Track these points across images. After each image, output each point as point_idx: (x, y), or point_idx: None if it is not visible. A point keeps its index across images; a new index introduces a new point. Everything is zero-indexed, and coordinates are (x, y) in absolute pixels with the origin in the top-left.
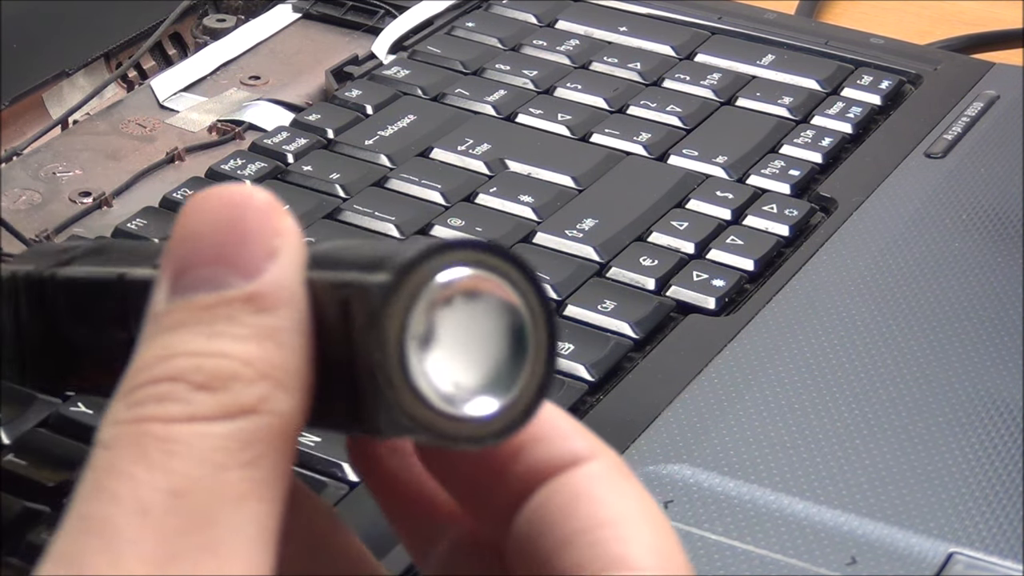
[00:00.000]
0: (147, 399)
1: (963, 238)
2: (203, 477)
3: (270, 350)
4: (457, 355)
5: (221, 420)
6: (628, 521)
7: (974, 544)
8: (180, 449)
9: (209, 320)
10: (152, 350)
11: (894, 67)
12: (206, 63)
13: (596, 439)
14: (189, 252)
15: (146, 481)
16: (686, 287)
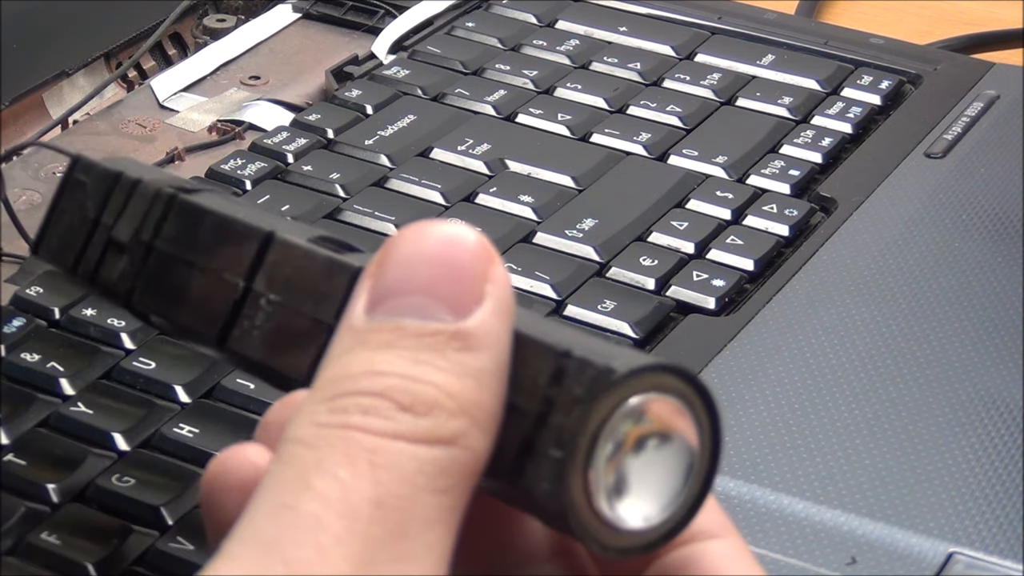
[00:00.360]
0: (353, 408)
1: (963, 238)
2: (404, 495)
3: (471, 388)
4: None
5: (423, 444)
6: None
7: (974, 544)
8: (385, 464)
9: (415, 347)
10: (357, 363)
11: (894, 67)
12: (206, 63)
13: (727, 519)
14: (401, 277)
15: (354, 488)
16: (686, 287)
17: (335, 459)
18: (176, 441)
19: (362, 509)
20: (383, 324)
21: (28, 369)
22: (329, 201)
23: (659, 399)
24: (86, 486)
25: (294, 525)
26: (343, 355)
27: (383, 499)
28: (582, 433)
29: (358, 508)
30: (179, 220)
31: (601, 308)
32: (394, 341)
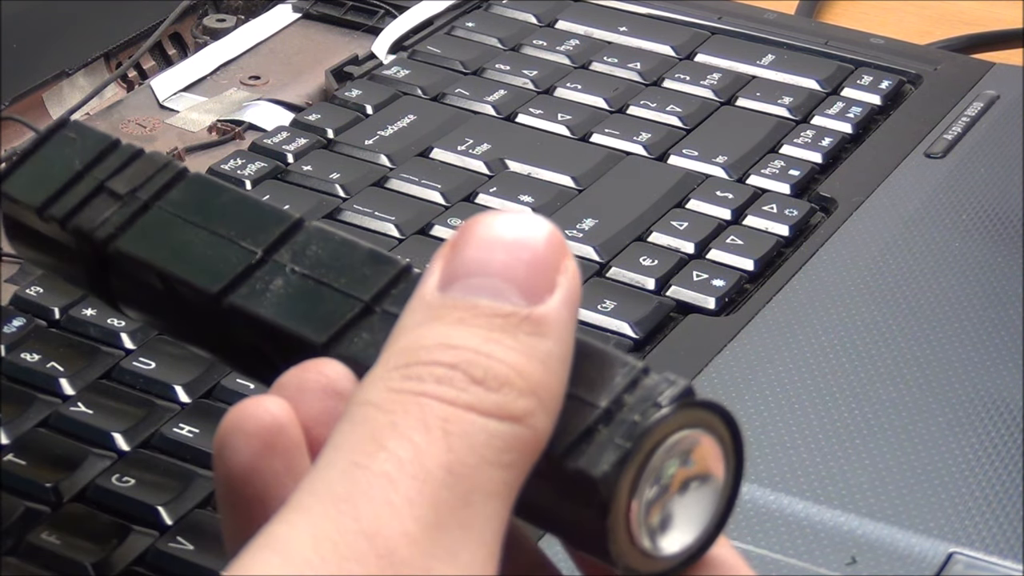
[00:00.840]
0: (428, 376)
1: (963, 238)
2: (473, 464)
3: (539, 370)
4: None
5: (493, 419)
6: None
7: (974, 544)
8: (457, 432)
9: (488, 326)
10: (432, 335)
11: (894, 67)
12: (206, 63)
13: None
14: (477, 258)
15: (428, 452)
16: (686, 287)
17: (410, 423)
18: (176, 441)
19: (435, 473)
20: (458, 301)
21: (28, 369)
22: (329, 201)
23: (703, 435)
24: (86, 486)
25: (368, 483)
26: (416, 327)
27: (454, 465)
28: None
29: (431, 472)
30: (192, 189)
31: (601, 308)
32: (468, 318)
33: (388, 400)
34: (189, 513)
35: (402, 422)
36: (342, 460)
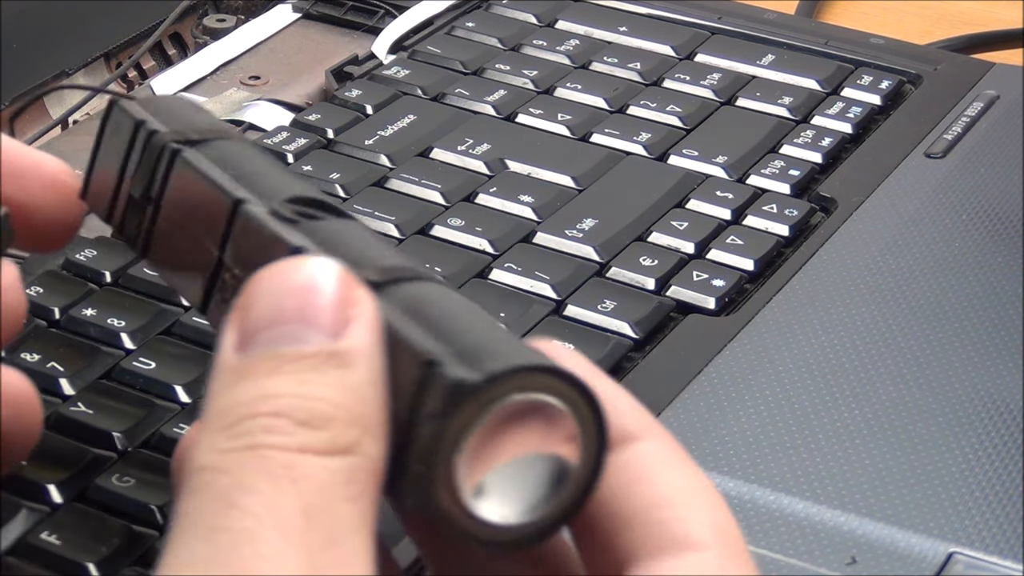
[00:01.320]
0: (254, 429)
1: (963, 238)
2: (326, 505)
3: (356, 401)
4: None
5: (328, 455)
6: (687, 500)
7: (974, 544)
8: (302, 476)
9: (298, 370)
10: (245, 392)
11: (894, 67)
12: (206, 63)
13: (651, 418)
14: (268, 310)
15: (280, 501)
16: (686, 287)
17: (254, 478)
18: (176, 441)
19: (294, 520)
20: (261, 355)
21: (28, 369)
22: (329, 201)
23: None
24: (86, 486)
25: (232, 543)
26: (227, 390)
27: (309, 509)
28: (440, 448)
29: (290, 519)
30: (177, 180)
31: (601, 308)
32: (276, 368)
33: (223, 461)
34: None
35: (247, 479)
36: (197, 528)
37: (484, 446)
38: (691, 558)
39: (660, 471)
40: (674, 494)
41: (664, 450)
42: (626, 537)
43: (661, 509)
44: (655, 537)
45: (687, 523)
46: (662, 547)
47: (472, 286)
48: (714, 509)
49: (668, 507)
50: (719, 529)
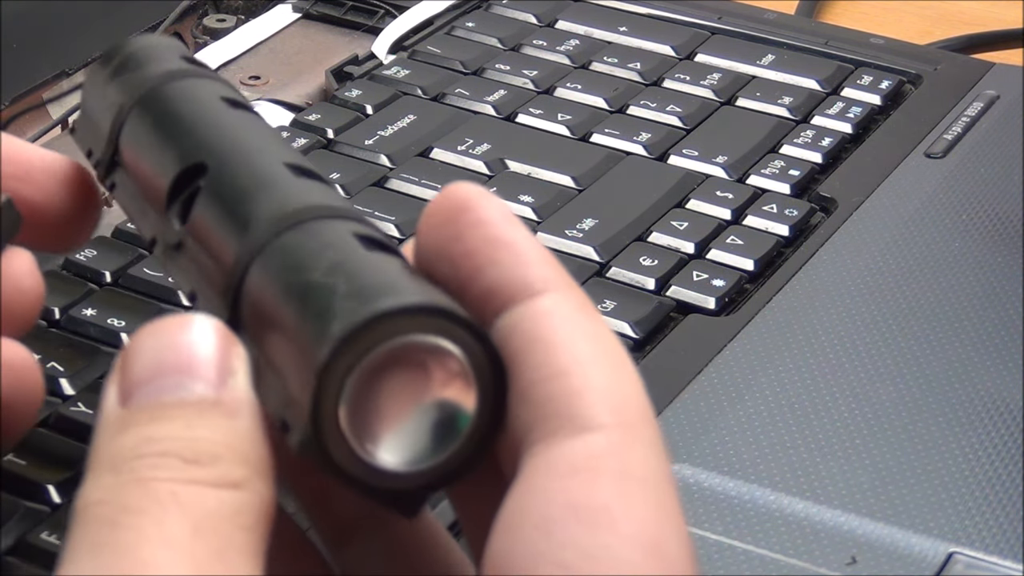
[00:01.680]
0: (140, 467)
1: (963, 238)
2: (214, 526)
3: (243, 443)
4: (387, 416)
5: (216, 488)
6: (583, 369)
7: (974, 544)
8: (189, 501)
9: (183, 416)
10: (129, 439)
11: (894, 67)
12: (206, 63)
13: (560, 270)
14: (149, 365)
15: (167, 519)
16: (686, 287)
17: (139, 502)
18: None
19: (182, 535)
20: (143, 404)
21: None
22: None
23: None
24: None
25: (116, 553)
26: (111, 439)
27: (197, 526)
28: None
29: (177, 535)
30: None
31: (601, 308)
32: (160, 415)
33: (108, 494)
34: None
35: (131, 503)
36: (82, 548)
37: (370, 392)
38: (582, 440)
39: (557, 333)
40: (570, 362)
41: (565, 307)
42: (520, 414)
43: (553, 380)
44: (546, 416)
45: (580, 397)
46: (553, 428)
47: None
48: (614, 378)
49: (561, 378)
50: (616, 403)
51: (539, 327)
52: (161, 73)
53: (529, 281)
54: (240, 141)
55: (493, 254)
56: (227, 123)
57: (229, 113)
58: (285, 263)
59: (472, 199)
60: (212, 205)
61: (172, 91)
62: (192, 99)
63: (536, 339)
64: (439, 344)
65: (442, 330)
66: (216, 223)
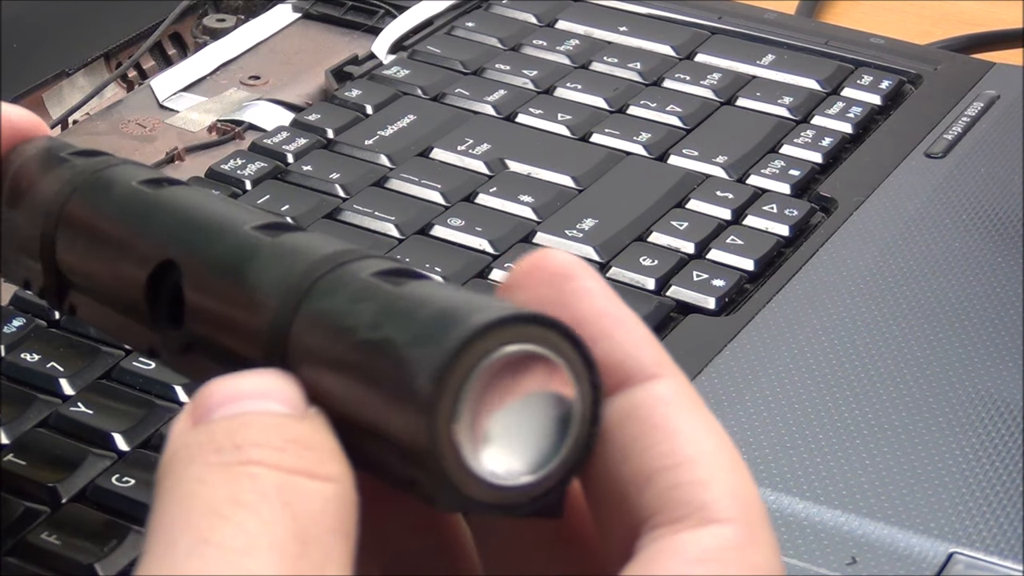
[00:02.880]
0: (244, 443)
1: (963, 238)
2: (318, 535)
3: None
4: (501, 429)
5: (319, 480)
6: (707, 462)
7: (974, 544)
8: (295, 501)
9: (271, 419)
10: (222, 428)
11: (894, 67)
12: (206, 63)
13: (665, 353)
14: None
15: (275, 523)
16: (686, 287)
17: (247, 496)
18: None
19: (289, 545)
20: (227, 414)
21: (28, 369)
22: (329, 201)
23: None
24: (86, 486)
25: (220, 559)
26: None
27: (304, 535)
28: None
29: (285, 543)
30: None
31: None
32: (247, 419)
33: (213, 474)
34: None
35: (239, 493)
36: (185, 539)
37: (480, 406)
38: (711, 532)
39: (677, 421)
40: (693, 452)
41: (679, 394)
42: (642, 498)
43: (680, 470)
44: (673, 504)
45: (708, 490)
46: (680, 515)
47: (472, 286)
48: (735, 473)
49: (687, 468)
50: (741, 497)
51: (658, 414)
52: (64, 182)
53: (644, 363)
54: (193, 222)
55: (606, 328)
56: (166, 208)
57: (158, 196)
58: (326, 333)
59: (574, 267)
60: (203, 302)
61: (87, 199)
62: (114, 198)
63: (657, 426)
64: (529, 350)
65: (527, 336)
66: (219, 315)
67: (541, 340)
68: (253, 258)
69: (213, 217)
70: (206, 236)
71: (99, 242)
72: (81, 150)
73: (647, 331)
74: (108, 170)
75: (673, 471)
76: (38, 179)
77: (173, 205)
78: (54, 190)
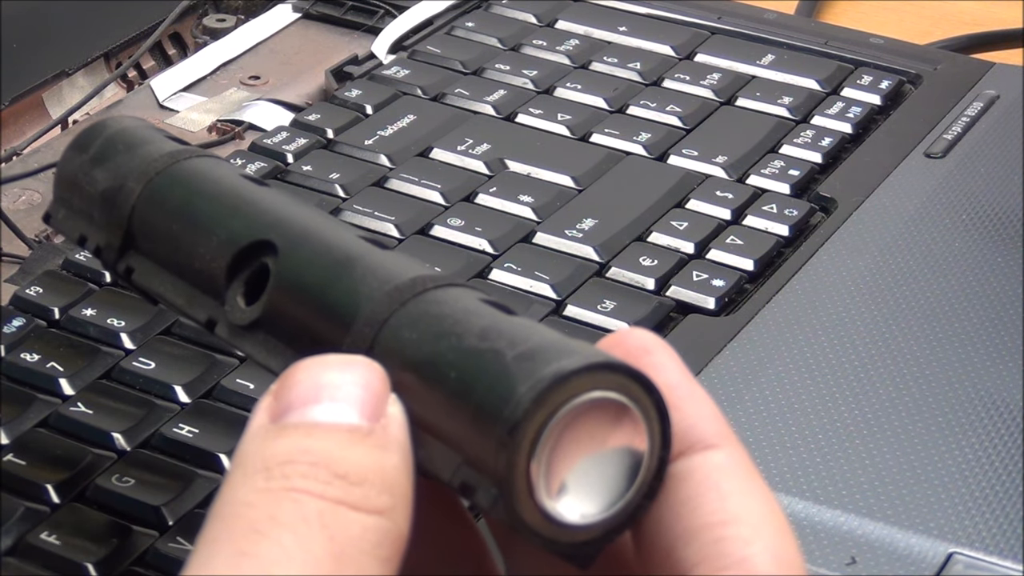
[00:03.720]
0: (292, 474)
1: (963, 238)
2: (356, 556)
3: (391, 474)
4: (574, 472)
5: (363, 512)
6: (752, 521)
7: (974, 544)
8: (335, 525)
9: (336, 437)
10: (282, 445)
11: (894, 67)
12: (206, 63)
13: (727, 427)
14: (308, 390)
15: (312, 541)
16: (686, 287)
17: (288, 516)
18: (176, 441)
19: (324, 561)
20: (298, 421)
21: (28, 369)
22: (329, 201)
23: (623, 404)
24: (86, 486)
25: (258, 567)
26: (263, 444)
27: (339, 556)
28: (516, 459)
29: (320, 560)
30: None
31: (601, 308)
32: (313, 431)
33: (259, 498)
34: (189, 513)
35: (280, 515)
36: (224, 551)
37: (554, 452)
38: None
39: (729, 485)
40: (740, 512)
41: (735, 463)
42: (688, 550)
43: (725, 526)
44: (716, 555)
45: (749, 545)
46: (721, 566)
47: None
48: (779, 535)
49: (732, 525)
50: (781, 558)
51: (714, 477)
52: (166, 153)
53: (707, 433)
54: (299, 216)
55: (675, 400)
56: (271, 199)
57: (263, 190)
58: (428, 331)
59: (654, 344)
60: (298, 282)
61: (187, 171)
62: (216, 178)
63: (711, 488)
64: (614, 398)
65: (616, 384)
66: (310, 300)
67: (624, 389)
68: (363, 256)
69: (322, 216)
70: (313, 231)
71: (191, 210)
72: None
73: (714, 406)
74: (206, 159)
75: (719, 527)
76: (138, 145)
77: (280, 196)
78: (157, 154)
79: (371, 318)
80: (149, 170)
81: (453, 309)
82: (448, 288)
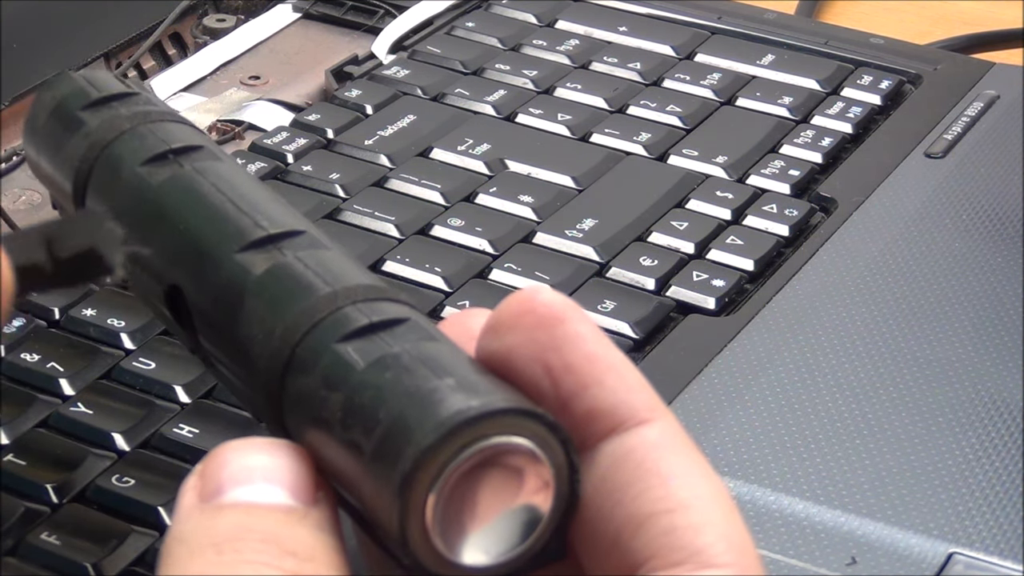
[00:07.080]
0: (245, 549)
1: (963, 238)
2: None
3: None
4: (470, 518)
5: None
6: (700, 506)
7: (974, 544)
8: None
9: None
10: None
11: (894, 67)
12: (206, 63)
13: (656, 397)
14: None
15: None
16: (686, 287)
17: None
18: (176, 441)
19: None
20: (236, 500)
21: (28, 369)
22: (329, 201)
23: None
24: (86, 486)
25: None
26: (205, 523)
27: None
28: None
29: None
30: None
31: (601, 308)
32: (254, 511)
33: (215, 571)
34: None
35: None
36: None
37: (452, 498)
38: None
39: (668, 465)
40: (686, 496)
41: (670, 438)
42: (636, 542)
43: (673, 514)
44: (668, 549)
45: (702, 534)
46: (676, 560)
47: (472, 286)
48: (728, 518)
49: (680, 512)
50: (734, 543)
51: (651, 459)
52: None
53: (636, 408)
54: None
55: (597, 373)
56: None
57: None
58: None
59: (565, 310)
60: (206, 329)
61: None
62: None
63: (650, 471)
64: (517, 443)
65: (517, 428)
66: (219, 347)
67: (507, 428)
68: (244, 297)
69: (210, 235)
70: (202, 264)
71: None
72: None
73: (639, 375)
74: (118, 143)
75: (667, 516)
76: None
77: (173, 210)
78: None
79: (269, 394)
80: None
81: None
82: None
